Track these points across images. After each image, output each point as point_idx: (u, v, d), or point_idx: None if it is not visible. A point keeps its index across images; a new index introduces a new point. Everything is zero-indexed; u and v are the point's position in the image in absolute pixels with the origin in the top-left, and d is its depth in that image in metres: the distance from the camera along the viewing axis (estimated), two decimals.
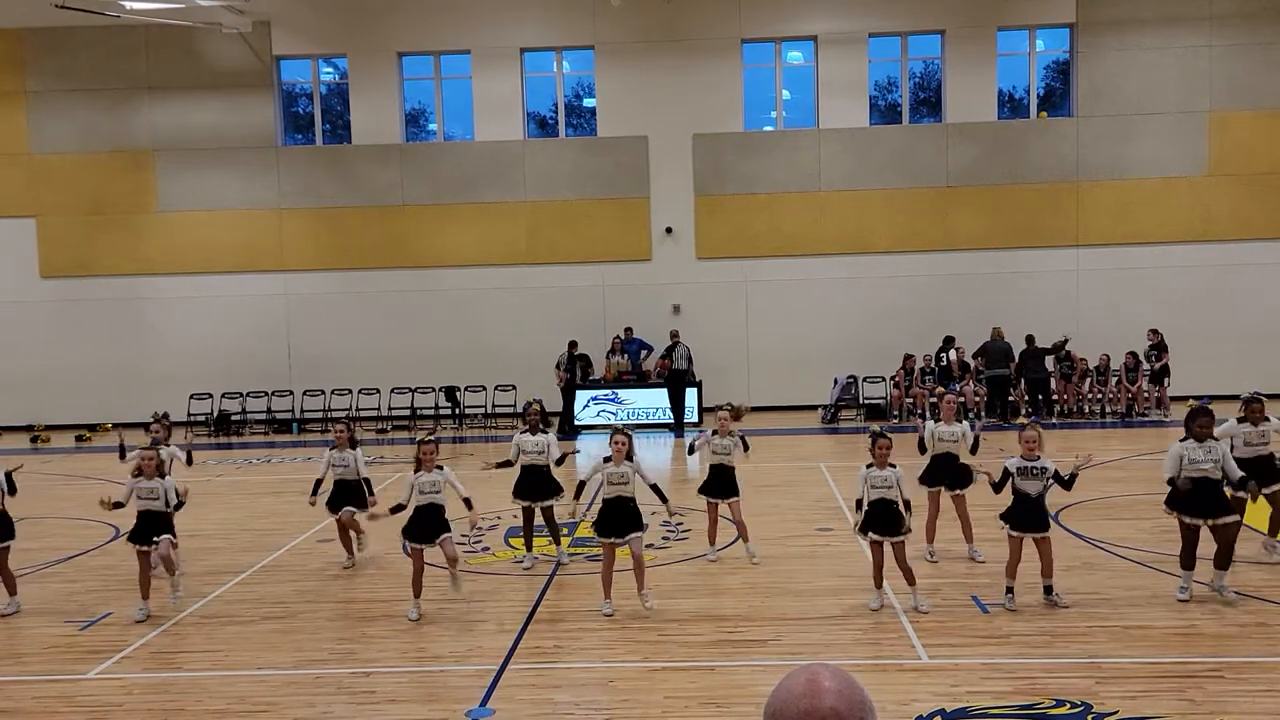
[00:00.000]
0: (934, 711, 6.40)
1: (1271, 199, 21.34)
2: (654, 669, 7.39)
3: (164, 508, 8.90)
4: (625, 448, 8.60)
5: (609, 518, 8.54)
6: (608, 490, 8.59)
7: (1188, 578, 8.39)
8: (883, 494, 8.34)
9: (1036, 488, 8.23)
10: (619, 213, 22.16)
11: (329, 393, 21.93)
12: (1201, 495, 8.18)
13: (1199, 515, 8.23)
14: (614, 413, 20.61)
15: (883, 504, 8.32)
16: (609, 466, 8.61)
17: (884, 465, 8.36)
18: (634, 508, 8.58)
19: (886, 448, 8.37)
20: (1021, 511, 8.28)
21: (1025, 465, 8.26)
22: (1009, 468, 8.32)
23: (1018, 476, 8.29)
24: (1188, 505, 8.24)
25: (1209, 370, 19.46)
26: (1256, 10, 21.21)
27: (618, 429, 8.87)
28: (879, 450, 8.35)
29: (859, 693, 1.91)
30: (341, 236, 22.36)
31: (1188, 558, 8.36)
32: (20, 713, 6.96)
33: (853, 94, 22.00)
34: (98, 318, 22.55)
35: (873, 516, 8.37)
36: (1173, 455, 8.31)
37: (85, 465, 17.98)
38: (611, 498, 8.55)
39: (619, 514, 8.51)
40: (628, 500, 8.54)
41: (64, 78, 22.35)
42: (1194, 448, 8.23)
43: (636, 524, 8.54)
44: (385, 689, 7.18)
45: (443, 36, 22.28)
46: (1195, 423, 8.26)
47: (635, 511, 8.58)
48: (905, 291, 21.71)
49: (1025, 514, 8.26)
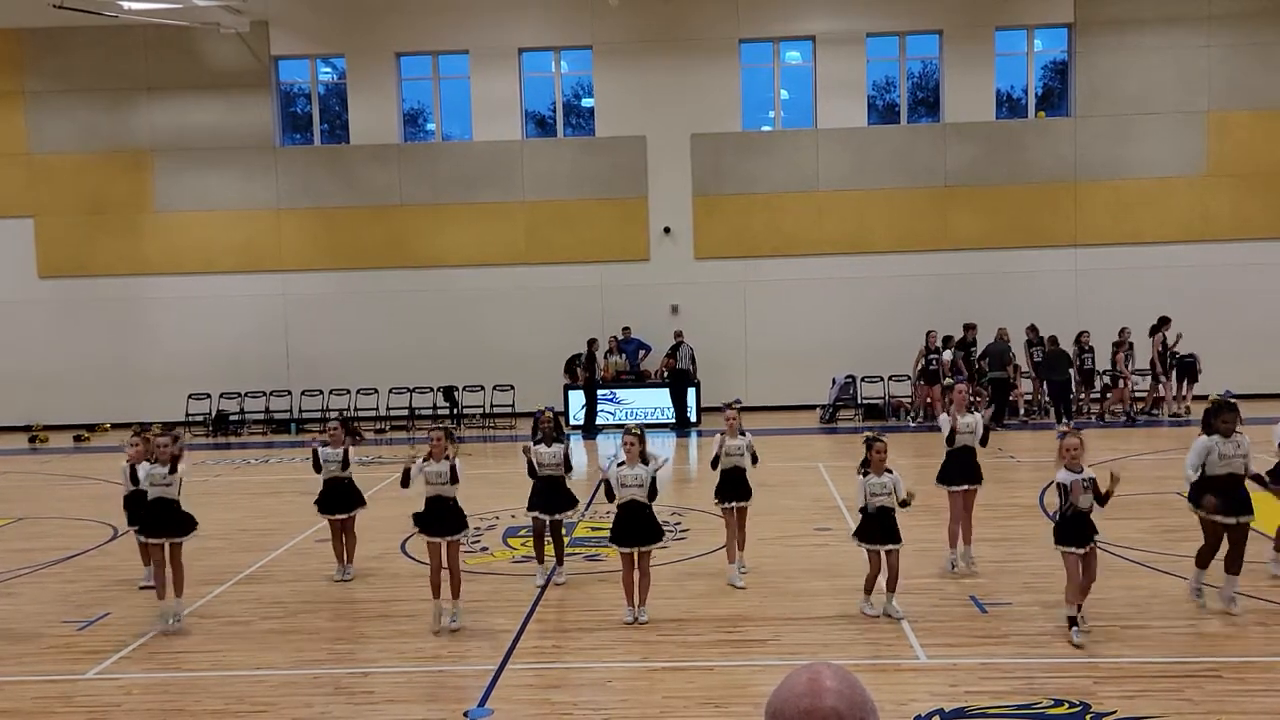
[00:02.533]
0: (932, 711, 6.41)
1: (1270, 199, 21.35)
2: (653, 669, 7.40)
3: (175, 495, 8.63)
4: (636, 448, 8.29)
5: (625, 525, 8.30)
6: (622, 494, 8.30)
7: (1199, 576, 8.24)
8: (882, 501, 8.20)
9: (1088, 501, 7.56)
10: (617, 213, 22.16)
11: (327, 393, 21.91)
12: (1229, 492, 7.97)
13: (1227, 513, 7.98)
14: (612, 412, 20.62)
15: (881, 512, 8.21)
16: (623, 469, 8.33)
17: (880, 471, 8.21)
18: (650, 514, 8.31)
19: (883, 451, 8.21)
20: (1075, 528, 7.58)
21: (1073, 478, 7.58)
22: (1064, 483, 7.61)
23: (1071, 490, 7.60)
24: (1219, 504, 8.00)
25: (1208, 370, 19.43)
26: (1256, 10, 21.23)
27: (629, 429, 8.51)
28: (875, 455, 8.18)
29: (860, 693, 1.91)
30: (340, 236, 22.35)
31: (1208, 556, 8.17)
32: (19, 712, 6.96)
33: (851, 94, 22.01)
34: (96, 318, 22.54)
35: (871, 526, 8.25)
36: (1198, 449, 8.01)
37: (84, 465, 17.98)
38: (625, 502, 8.27)
39: (635, 521, 8.27)
40: (643, 506, 8.27)
41: (62, 78, 22.33)
42: (1222, 443, 7.98)
43: (656, 534, 8.35)
44: (384, 689, 7.18)
45: (441, 37, 22.28)
46: (1219, 418, 7.99)
47: (652, 519, 8.34)
48: (903, 291, 21.70)
49: (1080, 529, 7.58)
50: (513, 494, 13.46)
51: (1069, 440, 7.66)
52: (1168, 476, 13.71)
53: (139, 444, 9.55)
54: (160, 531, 8.64)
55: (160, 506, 8.64)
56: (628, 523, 8.30)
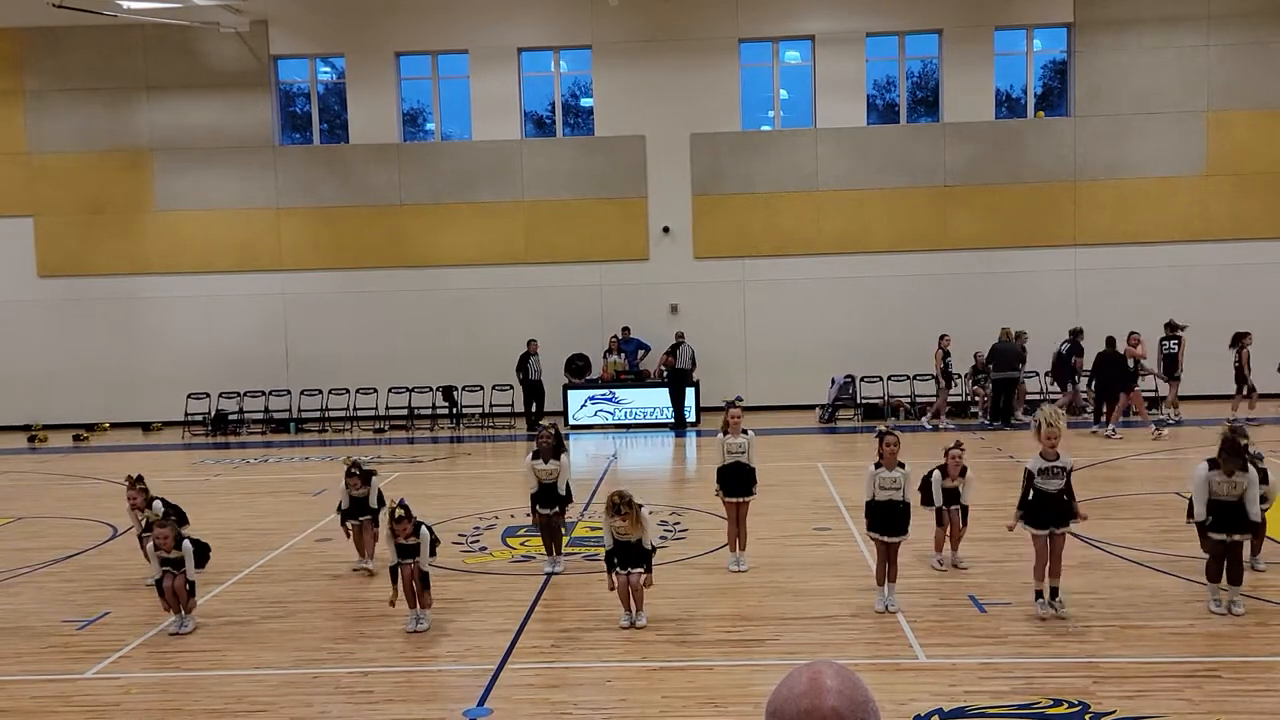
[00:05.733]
0: (932, 711, 6.40)
1: (1270, 199, 21.35)
2: (652, 668, 7.39)
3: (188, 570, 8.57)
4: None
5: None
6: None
7: (1215, 589, 8.21)
8: (891, 495, 8.31)
9: (1058, 485, 8.02)
10: (617, 212, 22.16)
11: (326, 392, 21.91)
12: (1226, 511, 8.05)
13: (1225, 531, 8.05)
14: (611, 412, 20.62)
15: (890, 504, 8.28)
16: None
17: (893, 465, 8.31)
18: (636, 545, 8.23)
19: (894, 445, 8.29)
20: (1041, 510, 8.05)
21: (1046, 465, 8.01)
22: (1030, 469, 8.07)
23: (1039, 477, 8.04)
24: (1214, 523, 8.09)
25: (1207, 370, 19.42)
26: (1255, 10, 21.23)
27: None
28: (886, 449, 8.27)
29: (862, 693, 1.90)
30: (339, 236, 22.35)
31: (1216, 571, 8.19)
32: (18, 712, 6.95)
33: (850, 93, 22.01)
34: (95, 317, 22.53)
35: (879, 517, 8.34)
36: (1199, 485, 8.09)
37: (83, 465, 17.97)
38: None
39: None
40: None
41: (62, 77, 22.32)
42: (1221, 481, 8.02)
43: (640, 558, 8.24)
44: (383, 688, 7.18)
45: (440, 36, 22.28)
46: (1228, 462, 7.98)
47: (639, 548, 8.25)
48: (903, 291, 21.71)
49: (1047, 512, 8.03)
50: (512, 493, 13.49)
51: (1048, 429, 8.04)
52: (1169, 477, 13.73)
53: (136, 496, 9.64)
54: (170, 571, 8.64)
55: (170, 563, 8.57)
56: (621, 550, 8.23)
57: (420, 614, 8.40)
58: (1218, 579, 8.21)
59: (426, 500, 13.65)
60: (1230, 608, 8.10)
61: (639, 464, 17.51)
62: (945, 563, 9.61)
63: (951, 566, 9.56)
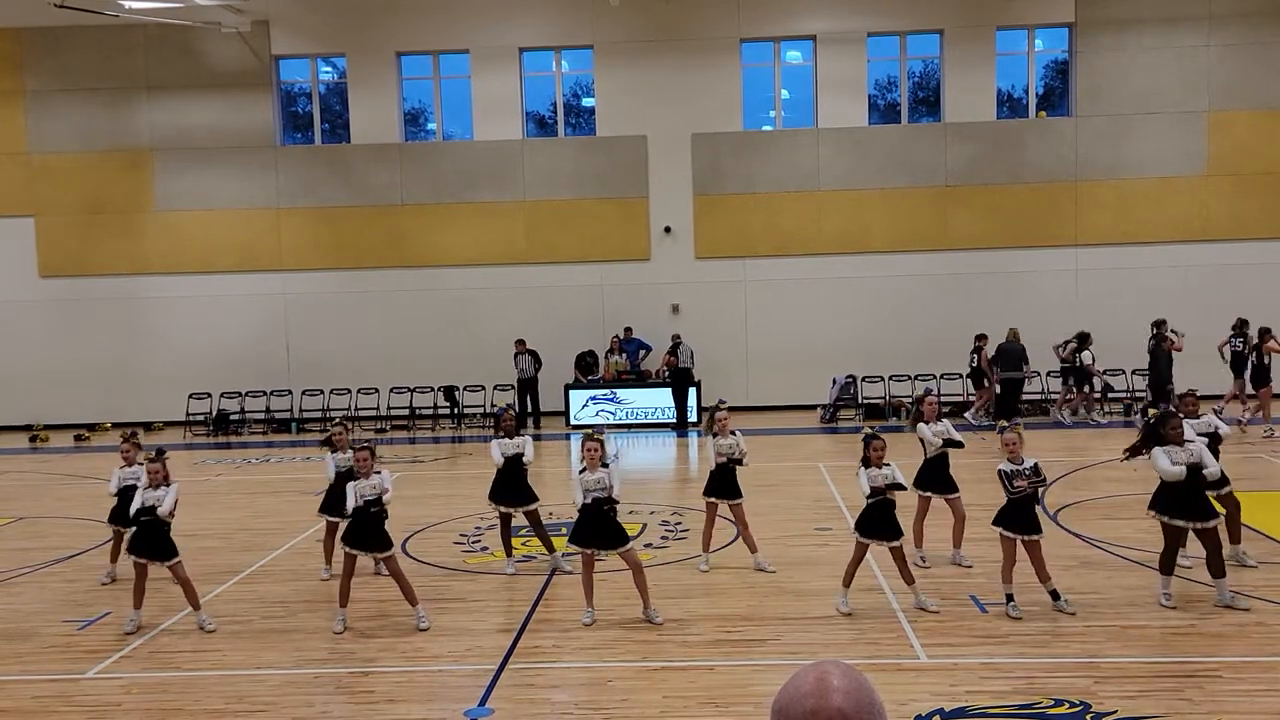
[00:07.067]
0: (933, 711, 6.40)
1: (1270, 199, 21.35)
2: (652, 669, 7.39)
3: (168, 518, 8.45)
4: (598, 453, 8.43)
5: (585, 526, 8.38)
6: (585, 499, 8.34)
7: (1167, 583, 8.26)
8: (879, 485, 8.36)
9: (1028, 486, 8.14)
10: (618, 212, 22.16)
11: (328, 392, 21.92)
12: (1187, 497, 8.08)
13: (1185, 518, 8.10)
14: (613, 412, 20.63)
15: (881, 506, 8.30)
16: (585, 474, 8.43)
17: (880, 466, 8.35)
18: (612, 517, 8.35)
19: (880, 449, 8.35)
20: (1014, 513, 8.23)
21: (1013, 469, 8.20)
22: (1003, 471, 8.24)
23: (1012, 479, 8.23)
24: (1173, 508, 8.14)
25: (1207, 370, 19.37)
26: (1256, 10, 21.22)
27: (589, 434, 8.69)
28: (873, 453, 8.34)
29: (868, 693, 1.89)
30: (340, 236, 22.35)
31: (1169, 562, 8.25)
32: (19, 712, 6.95)
33: (851, 93, 22.01)
34: (96, 317, 22.54)
35: (869, 519, 8.34)
36: (1159, 462, 8.14)
37: (84, 465, 17.97)
38: (587, 504, 8.33)
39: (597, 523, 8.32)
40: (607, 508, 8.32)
41: (62, 77, 22.33)
42: (1176, 451, 8.15)
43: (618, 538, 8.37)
44: (383, 688, 7.18)
45: (442, 36, 22.28)
46: (1167, 426, 8.21)
47: (614, 522, 8.38)
48: (904, 291, 21.71)
49: (1018, 516, 8.21)
50: None
51: (1008, 435, 8.30)
52: None
53: (129, 449, 9.73)
54: (148, 555, 8.46)
55: (151, 529, 8.42)
56: (588, 524, 8.35)
57: (421, 614, 8.40)
58: (1171, 571, 8.28)
59: (428, 500, 13.67)
60: (1230, 601, 8.13)
61: (640, 464, 17.50)
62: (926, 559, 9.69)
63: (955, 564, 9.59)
